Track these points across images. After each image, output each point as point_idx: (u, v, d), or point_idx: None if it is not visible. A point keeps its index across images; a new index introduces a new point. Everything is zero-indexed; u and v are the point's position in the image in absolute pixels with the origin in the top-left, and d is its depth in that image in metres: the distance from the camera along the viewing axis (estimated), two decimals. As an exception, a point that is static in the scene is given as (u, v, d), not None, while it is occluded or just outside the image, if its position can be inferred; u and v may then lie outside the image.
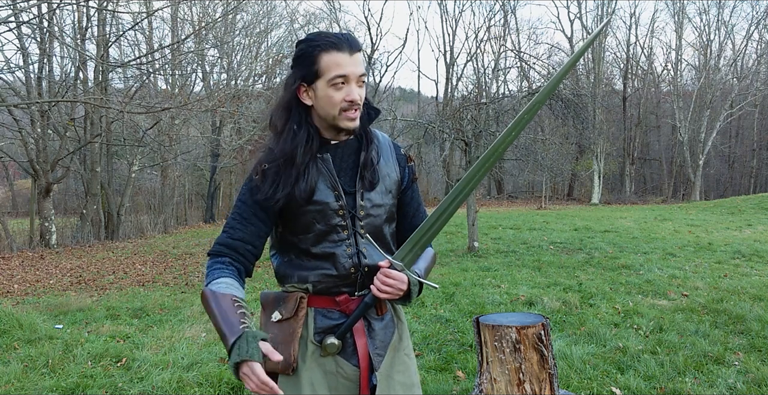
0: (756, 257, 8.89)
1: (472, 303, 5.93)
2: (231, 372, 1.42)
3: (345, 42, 1.50)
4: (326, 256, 1.58)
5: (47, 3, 8.87)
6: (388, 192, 1.66)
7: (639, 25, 67.25)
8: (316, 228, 1.57)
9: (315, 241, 1.58)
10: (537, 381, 2.38)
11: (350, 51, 1.50)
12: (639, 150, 34.65)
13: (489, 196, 33.45)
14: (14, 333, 4.90)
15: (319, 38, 1.51)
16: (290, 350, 1.56)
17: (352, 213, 1.59)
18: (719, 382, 3.60)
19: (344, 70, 1.49)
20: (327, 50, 1.49)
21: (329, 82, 1.50)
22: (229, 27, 19.25)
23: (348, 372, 1.60)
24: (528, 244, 10.82)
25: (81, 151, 16.08)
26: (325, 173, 1.57)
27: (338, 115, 1.53)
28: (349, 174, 1.61)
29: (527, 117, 1.56)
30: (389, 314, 1.70)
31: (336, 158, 1.60)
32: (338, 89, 1.51)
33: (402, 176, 1.71)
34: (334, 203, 1.57)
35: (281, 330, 1.58)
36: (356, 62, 1.51)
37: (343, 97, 1.51)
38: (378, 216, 1.63)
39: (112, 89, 15.69)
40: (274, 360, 1.40)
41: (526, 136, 10.62)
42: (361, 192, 1.60)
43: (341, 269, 1.58)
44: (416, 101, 38.73)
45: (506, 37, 32.54)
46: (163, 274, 9.08)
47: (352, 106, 1.52)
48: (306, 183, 1.54)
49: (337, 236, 1.58)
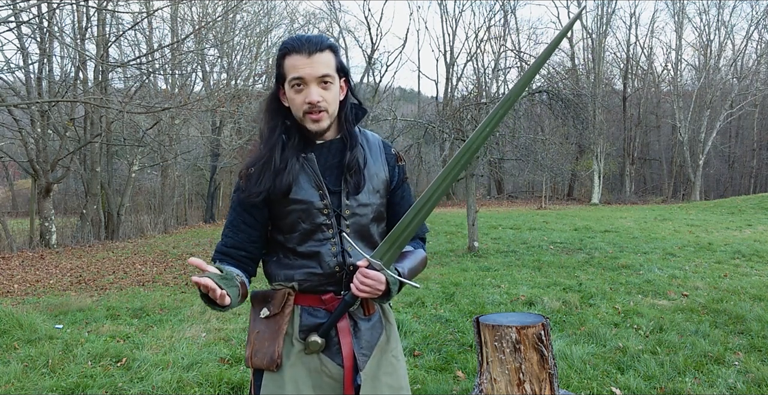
0: (756, 257, 8.89)
1: (472, 302, 5.93)
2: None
3: (304, 44, 1.52)
4: (311, 255, 1.60)
5: (47, 3, 8.87)
6: (375, 192, 1.66)
7: (639, 25, 67.27)
8: (301, 227, 1.59)
9: (300, 240, 1.60)
10: (537, 381, 2.38)
11: (309, 53, 1.52)
12: (639, 150, 34.65)
13: (489, 196, 33.45)
14: (14, 333, 4.90)
15: (286, 42, 1.56)
16: (275, 346, 1.57)
17: (337, 212, 1.60)
18: (719, 382, 3.60)
19: (299, 73, 1.52)
20: (288, 53, 1.54)
21: (289, 84, 1.55)
22: (229, 27, 19.24)
23: (332, 371, 1.60)
24: (528, 244, 10.82)
25: (81, 151, 16.07)
26: (309, 173, 1.59)
27: (303, 117, 1.56)
28: (335, 173, 1.62)
29: (501, 112, 1.53)
30: (377, 315, 1.70)
31: (321, 157, 1.62)
32: (298, 92, 1.54)
33: (391, 175, 1.71)
34: (319, 202, 1.59)
35: (268, 326, 1.60)
36: (314, 63, 1.52)
37: (303, 100, 1.53)
38: (364, 216, 1.64)
39: (112, 89, 15.67)
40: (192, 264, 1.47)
41: (526, 136, 10.62)
42: (346, 192, 1.61)
43: (326, 268, 1.59)
44: (416, 101, 38.75)
45: (506, 37, 32.60)
46: (163, 274, 9.08)
47: (312, 108, 1.53)
48: (285, 178, 1.56)
49: (322, 235, 1.60)
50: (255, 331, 1.62)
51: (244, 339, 4.77)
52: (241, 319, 5.50)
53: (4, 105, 11.98)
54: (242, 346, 4.58)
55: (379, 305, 1.71)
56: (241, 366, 4.08)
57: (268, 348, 1.57)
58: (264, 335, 1.59)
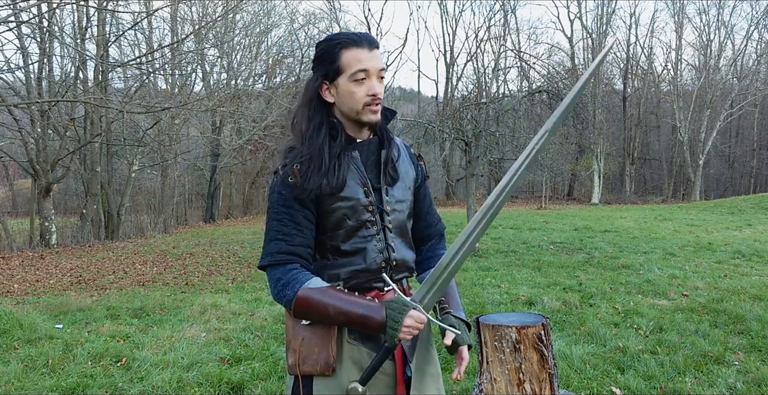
0: (756, 257, 8.89)
1: (472, 302, 5.93)
2: (389, 341, 1.51)
3: (364, 39, 1.55)
4: (357, 252, 1.59)
5: (47, 3, 8.87)
6: (407, 189, 1.71)
7: (639, 25, 67.37)
8: (347, 224, 1.58)
9: (346, 237, 1.59)
10: (537, 381, 2.37)
11: (369, 47, 1.54)
12: (639, 150, 34.65)
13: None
14: (14, 333, 4.90)
15: (339, 37, 1.55)
16: (329, 351, 1.55)
17: (380, 208, 1.62)
18: (719, 382, 3.60)
19: (365, 65, 1.53)
20: (347, 47, 1.53)
21: (351, 77, 1.54)
22: (229, 27, 19.24)
23: (385, 367, 1.60)
24: (528, 244, 10.82)
25: (81, 151, 16.06)
26: (354, 170, 1.60)
27: (362, 109, 1.56)
28: (374, 171, 1.64)
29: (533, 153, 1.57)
30: None
31: (362, 155, 1.63)
32: (360, 84, 1.54)
33: (417, 173, 1.76)
34: (364, 199, 1.59)
35: (314, 332, 1.56)
36: (376, 57, 1.55)
37: (366, 92, 1.54)
38: (401, 211, 1.68)
39: (112, 89, 15.70)
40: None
41: (526, 136, 10.62)
42: (385, 188, 1.64)
43: (372, 264, 1.60)
44: (416, 101, 38.73)
45: (506, 37, 32.56)
46: (163, 274, 9.08)
47: (375, 99, 1.55)
48: (338, 175, 1.55)
49: (366, 232, 1.60)
50: (299, 338, 1.57)
51: (243, 339, 4.77)
52: (241, 319, 5.50)
53: (4, 105, 11.98)
54: (242, 346, 4.58)
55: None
56: (241, 366, 4.08)
57: (320, 354, 1.54)
58: (311, 341, 1.56)
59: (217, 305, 6.10)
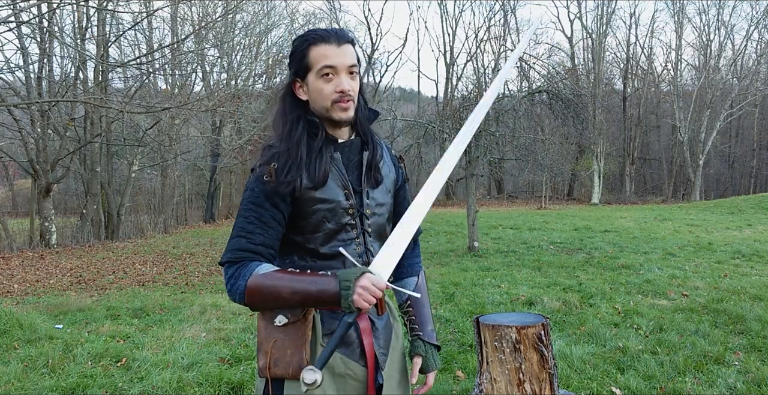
0: (756, 257, 8.89)
1: (472, 302, 5.93)
2: (344, 304, 1.40)
3: (332, 34, 1.52)
4: (335, 255, 1.56)
5: (47, 3, 8.87)
6: (388, 192, 1.68)
7: (639, 25, 67.32)
8: (326, 227, 1.55)
9: (324, 240, 1.56)
10: (537, 381, 2.37)
11: (338, 43, 1.52)
12: (639, 150, 34.64)
13: (489, 196, 33.46)
14: (14, 333, 4.90)
15: (308, 33, 1.54)
16: (302, 354, 1.50)
17: (361, 212, 1.60)
18: (719, 382, 3.60)
19: (331, 61, 1.50)
20: (315, 43, 1.52)
21: (318, 73, 1.52)
22: (229, 27, 19.24)
23: (357, 373, 1.59)
24: (528, 244, 10.82)
25: (81, 151, 16.06)
26: (335, 172, 1.57)
27: (330, 106, 1.53)
28: (355, 173, 1.61)
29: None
30: (387, 314, 1.72)
31: (344, 156, 1.60)
32: (328, 81, 1.52)
33: (397, 175, 1.74)
34: (344, 202, 1.57)
35: (287, 334, 1.52)
36: (344, 53, 1.52)
37: (333, 88, 1.52)
38: (381, 215, 1.65)
39: (112, 89, 15.68)
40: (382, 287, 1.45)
41: (526, 136, 10.62)
42: (366, 191, 1.61)
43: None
44: (416, 101, 38.72)
45: (506, 37, 32.56)
46: (163, 274, 9.08)
47: (343, 96, 1.52)
48: (318, 169, 1.53)
49: (346, 235, 1.57)
50: (271, 340, 1.53)
51: (244, 339, 4.77)
52: (241, 319, 5.50)
53: (4, 105, 11.98)
54: (242, 346, 4.58)
55: (387, 304, 1.73)
56: (241, 366, 4.07)
57: (293, 357, 1.51)
58: (284, 343, 1.52)
59: (217, 305, 6.10)
